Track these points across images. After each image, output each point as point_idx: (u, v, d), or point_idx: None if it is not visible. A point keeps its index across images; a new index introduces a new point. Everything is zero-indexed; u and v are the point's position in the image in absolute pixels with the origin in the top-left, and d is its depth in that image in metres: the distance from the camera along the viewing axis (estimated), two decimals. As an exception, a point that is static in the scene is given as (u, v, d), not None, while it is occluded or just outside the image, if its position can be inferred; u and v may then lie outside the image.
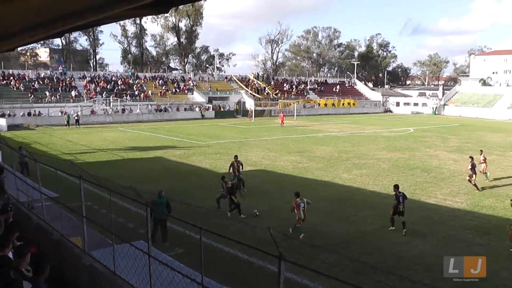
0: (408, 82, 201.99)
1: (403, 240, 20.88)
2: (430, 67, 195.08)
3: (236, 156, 32.23)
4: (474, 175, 31.21)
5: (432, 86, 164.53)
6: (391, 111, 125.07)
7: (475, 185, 30.86)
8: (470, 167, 31.59)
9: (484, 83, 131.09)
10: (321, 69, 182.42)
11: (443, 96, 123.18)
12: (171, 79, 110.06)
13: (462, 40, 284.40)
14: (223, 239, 10.96)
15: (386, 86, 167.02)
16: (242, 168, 31.71)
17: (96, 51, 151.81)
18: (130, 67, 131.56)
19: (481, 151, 36.03)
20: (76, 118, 74.44)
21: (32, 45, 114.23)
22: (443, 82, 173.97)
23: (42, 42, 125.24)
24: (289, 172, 36.51)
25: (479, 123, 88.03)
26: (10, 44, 11.29)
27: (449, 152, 47.77)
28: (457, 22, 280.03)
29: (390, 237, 21.37)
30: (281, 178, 34.67)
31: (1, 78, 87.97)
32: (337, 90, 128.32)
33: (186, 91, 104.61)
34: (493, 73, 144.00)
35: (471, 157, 32.60)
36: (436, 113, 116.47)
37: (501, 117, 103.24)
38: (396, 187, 23.38)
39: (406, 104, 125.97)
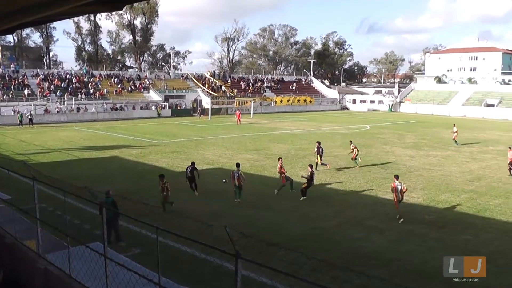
0: (364, 80, 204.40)
1: (360, 236, 21.11)
2: (386, 65, 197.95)
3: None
4: None
5: (388, 83, 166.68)
6: (347, 109, 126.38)
7: None
8: None
9: (439, 80, 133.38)
10: (278, 67, 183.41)
11: (399, 93, 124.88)
12: (126, 78, 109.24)
13: (418, 38, 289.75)
14: (180, 238, 10.93)
15: (343, 84, 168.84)
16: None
17: (50, 48, 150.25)
18: (85, 65, 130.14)
19: (510, 148, 36.49)
20: (29, 117, 73.27)
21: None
22: (399, 80, 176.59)
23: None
24: (246, 170, 36.41)
25: (434, 120, 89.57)
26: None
27: (405, 149, 48.47)
28: (413, 21, 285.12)
29: (348, 233, 21.56)
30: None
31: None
32: (294, 88, 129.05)
33: (142, 90, 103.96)
34: (448, 70, 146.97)
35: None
36: (392, 110, 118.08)
37: (456, 113, 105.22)
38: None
39: (363, 101, 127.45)
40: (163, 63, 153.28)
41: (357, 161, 38.35)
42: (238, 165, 28.41)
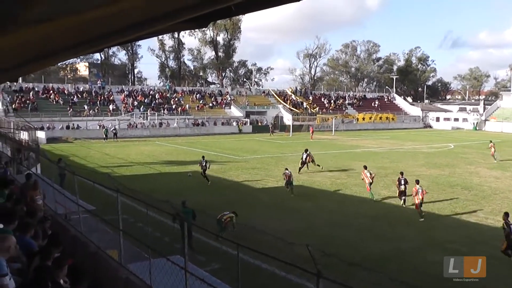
0: (448, 96, 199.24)
1: (440, 259, 20.56)
2: (471, 81, 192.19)
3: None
4: None
5: (473, 101, 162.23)
6: (430, 127, 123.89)
7: None
8: None
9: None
10: (360, 83, 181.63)
11: (484, 111, 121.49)
12: (208, 93, 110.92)
13: (504, 53, 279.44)
14: (259, 255, 10.94)
15: (426, 101, 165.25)
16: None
17: (134, 65, 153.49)
18: (168, 81, 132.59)
19: None
20: (114, 131, 75.42)
21: (71, 60, 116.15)
22: (484, 96, 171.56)
23: (81, 56, 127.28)
24: (326, 188, 36.34)
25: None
26: (55, 61, 11.51)
27: (490, 169, 46.98)
28: (499, 35, 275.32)
29: (427, 256, 21.06)
30: (318, 193, 34.52)
31: (41, 91, 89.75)
32: (376, 105, 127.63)
33: (223, 106, 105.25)
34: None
35: None
36: (477, 128, 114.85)
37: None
38: (506, 215, 21.01)
39: (446, 119, 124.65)
40: (244, 79, 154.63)
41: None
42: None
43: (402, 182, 30.81)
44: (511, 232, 20.44)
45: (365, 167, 33.78)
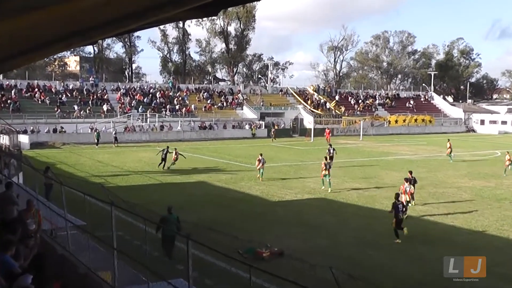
0: (495, 96, 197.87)
1: (489, 285, 20.46)
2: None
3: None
4: None
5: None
6: (474, 131, 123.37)
7: None
8: None
9: None
10: (392, 80, 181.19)
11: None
12: (217, 92, 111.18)
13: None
14: (275, 278, 10.96)
15: (469, 101, 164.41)
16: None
17: (132, 59, 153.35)
18: (171, 78, 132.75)
19: None
20: (114, 135, 75.61)
21: (60, 53, 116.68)
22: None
23: (71, 49, 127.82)
24: (353, 202, 36.28)
25: None
26: (43, 55, 11.59)
27: (545, 181, 46.78)
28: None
29: (472, 282, 20.95)
30: (344, 208, 34.49)
31: (24, 89, 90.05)
32: (411, 106, 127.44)
33: (234, 106, 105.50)
34: None
35: None
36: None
37: None
38: (396, 196, 27.72)
39: (493, 122, 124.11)
40: (259, 76, 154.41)
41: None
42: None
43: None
44: (398, 211, 26.54)
45: (407, 179, 34.30)
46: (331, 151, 53.23)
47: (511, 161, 50.66)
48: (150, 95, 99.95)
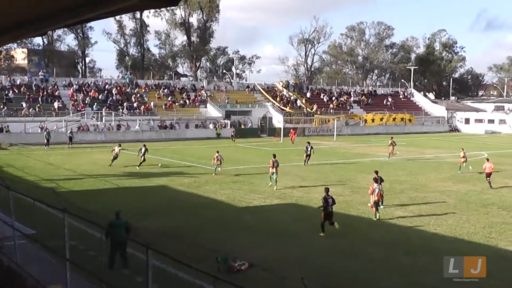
0: (480, 92, 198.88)
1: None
2: (510, 72, 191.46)
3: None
4: None
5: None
6: (458, 130, 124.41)
7: None
8: None
9: None
10: (369, 76, 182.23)
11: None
12: (179, 88, 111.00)
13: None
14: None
15: (452, 98, 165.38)
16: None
17: (86, 52, 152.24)
18: (128, 73, 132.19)
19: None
20: (70, 135, 74.96)
21: (6, 45, 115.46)
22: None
23: (18, 41, 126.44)
24: (327, 207, 36.38)
25: None
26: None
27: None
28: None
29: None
30: (317, 214, 34.45)
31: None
32: (389, 103, 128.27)
33: (197, 104, 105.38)
34: None
35: None
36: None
37: None
38: (327, 190, 30.06)
39: (478, 121, 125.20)
40: (224, 71, 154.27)
41: None
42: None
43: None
44: (328, 205, 28.79)
45: (375, 179, 34.48)
46: (309, 148, 57.19)
47: (466, 158, 53.26)
48: (106, 91, 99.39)
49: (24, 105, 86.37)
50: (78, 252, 18.64)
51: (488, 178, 44.79)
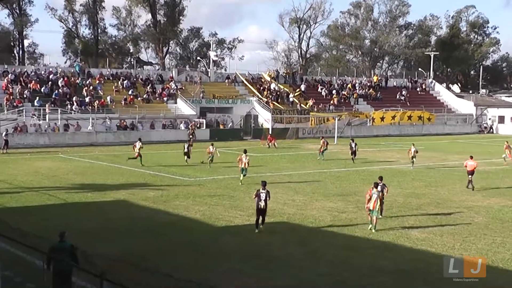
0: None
1: None
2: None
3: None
4: None
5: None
6: (490, 131, 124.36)
7: None
8: None
9: None
10: (378, 64, 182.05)
11: None
12: (142, 79, 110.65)
13: None
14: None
15: (482, 91, 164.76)
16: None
17: (24, 33, 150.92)
18: (78, 60, 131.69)
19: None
20: (5, 138, 74.56)
21: None
22: None
23: None
24: (325, 227, 36.31)
25: None
26: None
27: None
28: None
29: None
30: (313, 235, 34.52)
31: None
32: (403, 98, 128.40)
33: (165, 99, 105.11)
34: None
35: None
36: None
37: None
38: (263, 184, 33.82)
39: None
40: (198, 58, 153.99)
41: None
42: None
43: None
44: (260, 200, 32.59)
45: (376, 184, 35.41)
46: (353, 145, 66.22)
47: (415, 154, 60.82)
48: (50, 82, 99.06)
49: None
50: (13, 285, 18.58)
51: (470, 176, 49.22)
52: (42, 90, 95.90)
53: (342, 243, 32.24)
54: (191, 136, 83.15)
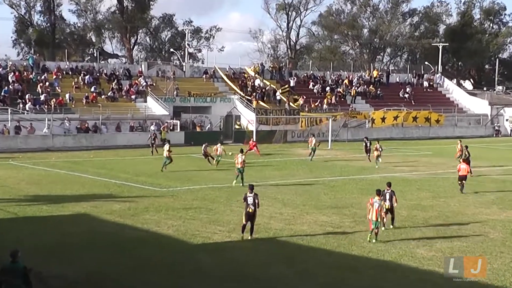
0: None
1: None
2: None
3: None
4: None
5: None
6: (507, 133, 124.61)
7: None
8: None
9: None
10: (378, 57, 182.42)
11: None
12: (106, 74, 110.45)
13: None
14: None
15: (498, 88, 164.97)
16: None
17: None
18: (32, 51, 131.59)
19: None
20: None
21: None
22: None
23: None
24: (318, 244, 36.37)
25: None
26: None
27: None
28: None
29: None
30: (304, 254, 34.59)
31: None
32: (407, 96, 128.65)
33: (133, 97, 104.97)
34: None
35: None
36: None
37: None
38: (250, 187, 36.18)
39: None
40: (171, 50, 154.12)
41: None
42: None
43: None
44: (248, 204, 34.78)
45: (378, 191, 37.02)
46: (367, 143, 73.67)
47: (380, 151, 67.34)
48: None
49: None
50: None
51: (460, 182, 52.93)
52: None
53: (336, 262, 32.28)
54: (153, 142, 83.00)
